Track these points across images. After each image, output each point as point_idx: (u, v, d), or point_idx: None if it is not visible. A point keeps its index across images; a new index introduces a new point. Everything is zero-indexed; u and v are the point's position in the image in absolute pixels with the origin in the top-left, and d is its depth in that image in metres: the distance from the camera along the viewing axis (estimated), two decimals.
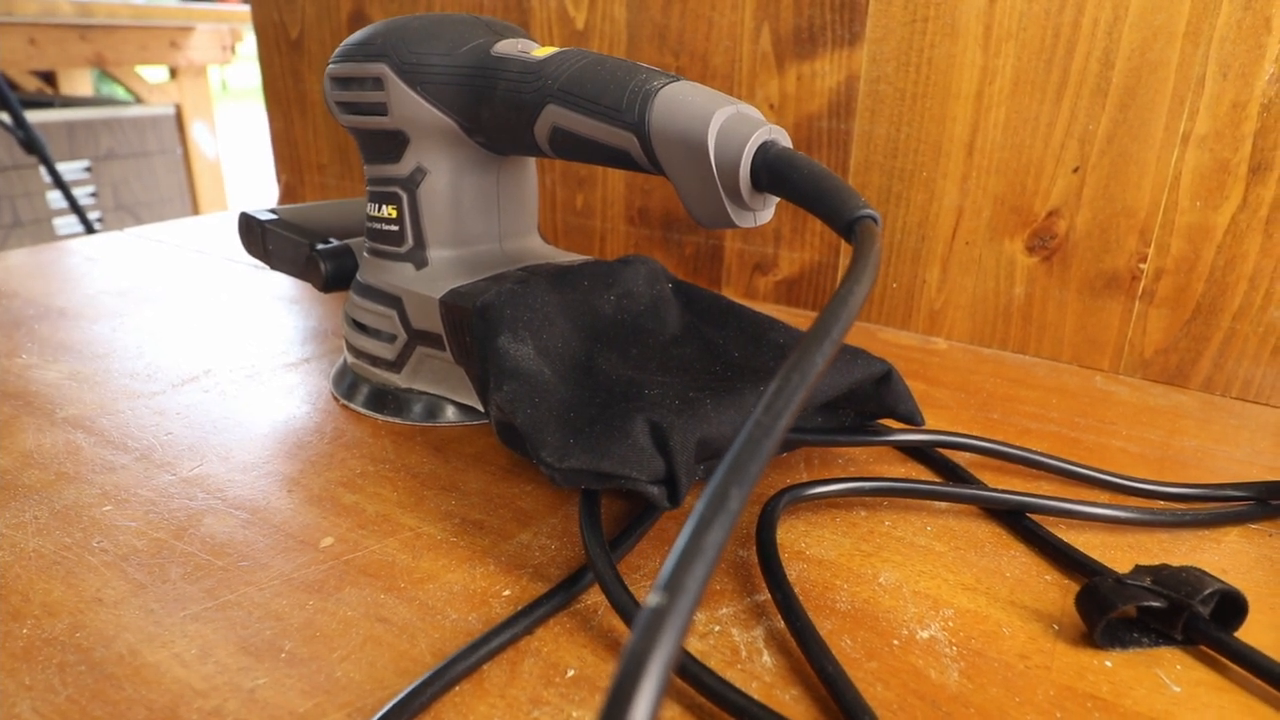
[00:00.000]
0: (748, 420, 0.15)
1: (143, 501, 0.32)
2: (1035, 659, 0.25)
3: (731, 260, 0.59)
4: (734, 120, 0.27)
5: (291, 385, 0.43)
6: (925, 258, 0.52)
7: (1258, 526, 0.33)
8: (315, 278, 0.43)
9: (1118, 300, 0.47)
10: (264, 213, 0.46)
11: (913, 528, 0.32)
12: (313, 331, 0.50)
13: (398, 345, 0.38)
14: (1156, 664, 0.25)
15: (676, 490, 0.26)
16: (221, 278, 0.61)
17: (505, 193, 0.39)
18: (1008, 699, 0.24)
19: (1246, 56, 0.40)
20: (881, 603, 0.28)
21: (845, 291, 0.19)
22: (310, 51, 0.76)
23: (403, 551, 0.29)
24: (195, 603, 0.26)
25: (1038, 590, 0.28)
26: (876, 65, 0.50)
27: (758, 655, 0.25)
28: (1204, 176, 0.43)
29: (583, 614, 0.26)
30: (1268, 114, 0.40)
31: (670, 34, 0.56)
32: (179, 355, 0.46)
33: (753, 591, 0.28)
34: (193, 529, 0.30)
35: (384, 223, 0.38)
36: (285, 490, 0.33)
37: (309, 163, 0.81)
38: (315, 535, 0.30)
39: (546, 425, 0.27)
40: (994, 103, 0.47)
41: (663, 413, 0.26)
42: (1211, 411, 0.43)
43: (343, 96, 0.38)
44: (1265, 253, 0.42)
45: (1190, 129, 0.42)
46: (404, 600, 0.27)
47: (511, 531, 0.31)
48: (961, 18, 0.46)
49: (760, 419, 0.15)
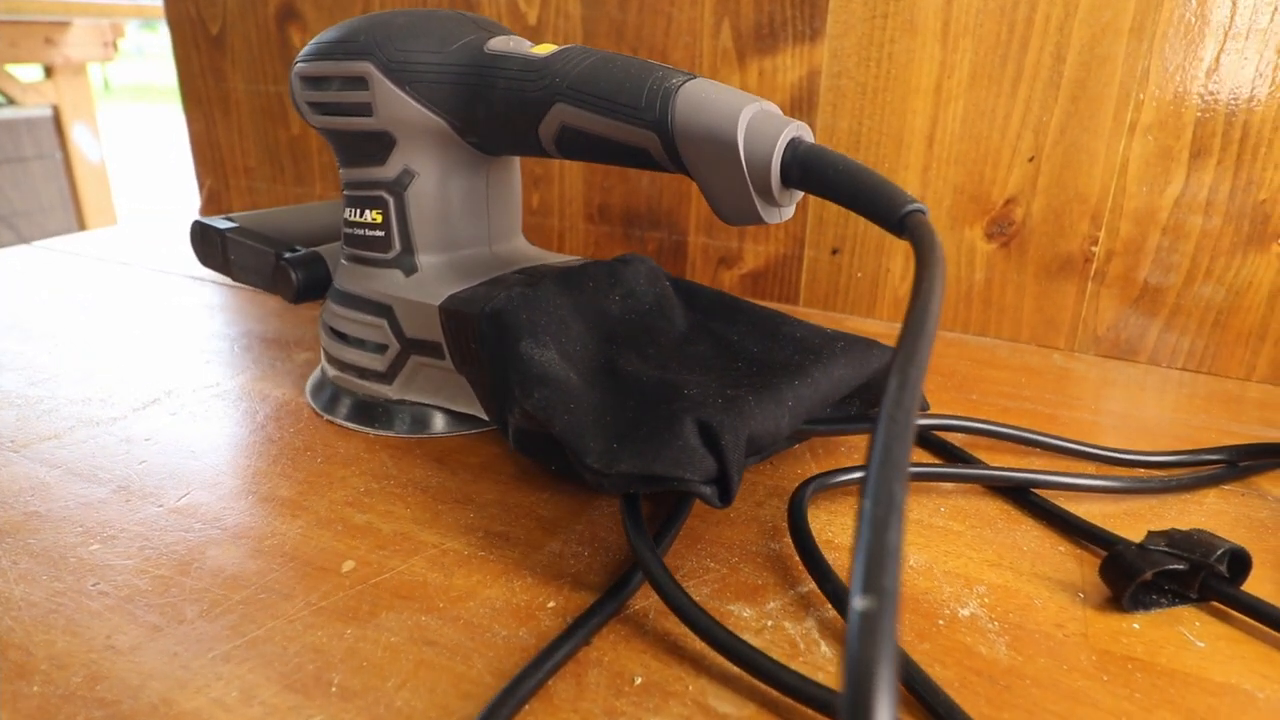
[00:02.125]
0: (880, 416, 0.15)
1: (133, 537, 0.29)
2: (1070, 627, 0.26)
3: (696, 255, 0.59)
4: (761, 117, 0.27)
5: (263, 401, 0.40)
6: (889, 247, 0.53)
7: (1230, 487, 0.35)
8: (285, 288, 0.41)
9: (1072, 282, 0.49)
10: (221, 221, 0.43)
11: (927, 510, 0.33)
12: (271, 342, 0.48)
13: (389, 356, 0.37)
14: (1178, 623, 0.27)
15: (728, 489, 0.26)
16: (154, 291, 0.57)
17: (494, 194, 0.38)
18: (1056, 667, 0.25)
19: (1187, 50, 0.43)
20: (917, 585, 0.28)
21: (926, 286, 0.19)
22: (233, 48, 0.72)
23: (432, 570, 0.28)
24: (222, 641, 0.25)
25: (1055, 561, 0.30)
26: (838, 60, 0.51)
27: (815, 647, 0.25)
28: (1149, 163, 0.46)
29: (634, 619, 0.26)
30: (1206, 104, 0.43)
31: (628, 30, 0.56)
32: (131, 376, 0.43)
33: (794, 584, 0.28)
34: (197, 563, 0.28)
35: (367, 228, 0.37)
36: (289, 514, 0.31)
37: (235, 166, 0.77)
38: (334, 560, 0.29)
39: (586, 431, 0.26)
40: (952, 96, 0.49)
41: (710, 412, 0.26)
42: (1164, 383, 0.46)
43: (317, 97, 0.36)
44: (1205, 233, 0.46)
45: (1136, 119, 0.45)
46: (447, 620, 0.26)
47: (539, 541, 0.30)
48: (920, 14, 0.48)
49: (893, 413, 0.15)
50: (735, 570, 0.29)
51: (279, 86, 0.71)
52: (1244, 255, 0.45)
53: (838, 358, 0.31)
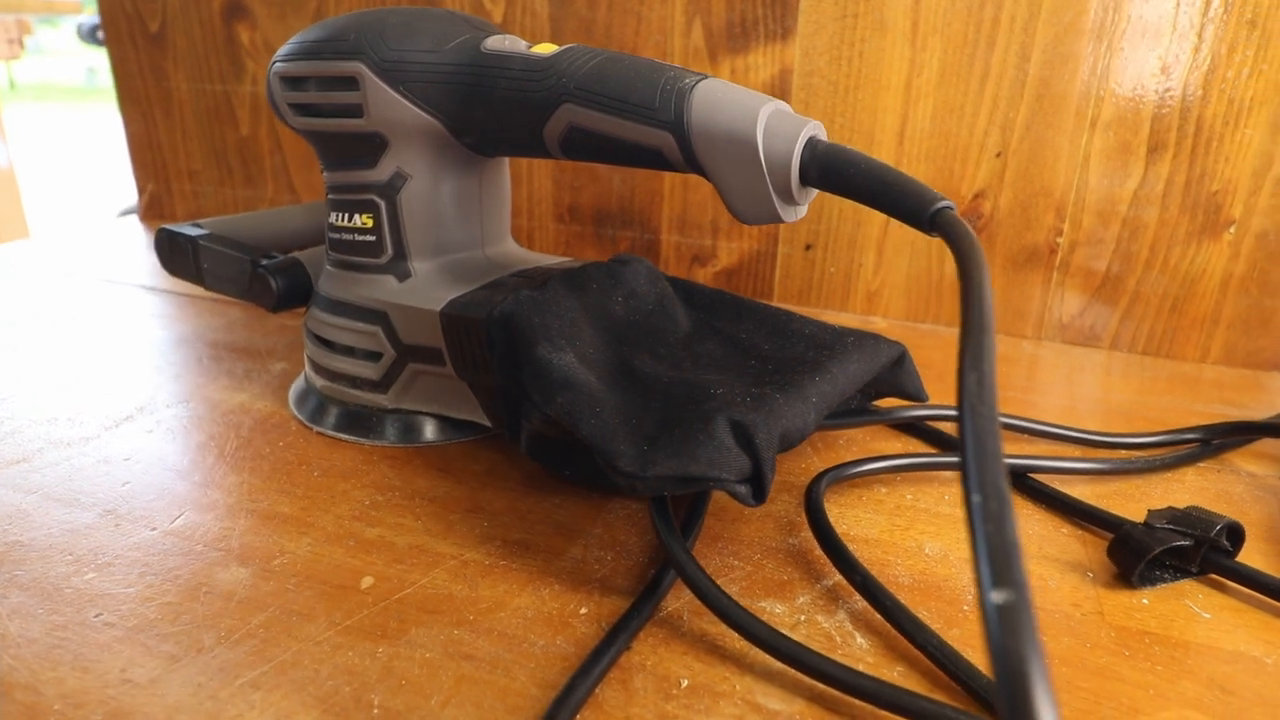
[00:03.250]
0: (965, 413, 0.16)
1: (131, 564, 0.28)
2: (1086, 606, 0.27)
3: (669, 253, 0.59)
4: (778, 116, 0.27)
5: (244, 413, 0.39)
6: (861, 243, 0.54)
7: (1206, 465, 0.37)
8: (264, 296, 0.39)
9: (1038, 272, 0.51)
10: (190, 228, 0.41)
11: (932, 499, 0.34)
12: (241, 352, 0.46)
13: (384, 364, 0.35)
14: (1183, 596, 0.28)
15: (763, 487, 0.26)
16: (104, 301, 0.54)
17: (486, 196, 0.37)
18: (1080, 645, 0.26)
19: (1144, 48, 0.45)
20: (936, 572, 0.29)
21: (976, 281, 0.19)
22: (175, 45, 0.69)
23: (455, 582, 0.28)
24: (248, 668, 0.24)
25: (1060, 543, 0.31)
26: (809, 59, 0.51)
27: (851, 639, 0.26)
28: (1110, 157, 0.48)
29: (669, 621, 0.26)
30: (1162, 99, 0.46)
31: (597, 28, 0.56)
32: (97, 392, 0.41)
33: (819, 577, 0.28)
34: (206, 587, 0.27)
35: (356, 233, 0.36)
36: (295, 531, 0.30)
37: (178, 170, 0.74)
38: (351, 576, 0.28)
39: (615, 435, 0.26)
40: (922, 94, 0.50)
41: (742, 411, 0.26)
42: (1127, 367, 0.49)
43: (300, 98, 0.35)
44: (1162, 223, 0.48)
45: (1097, 115, 0.47)
46: (480, 633, 0.25)
47: (559, 547, 0.30)
48: (890, 13, 0.49)
49: (978, 408, 0.16)
50: (760, 567, 0.29)
51: (226, 85, 0.68)
52: (1198, 244, 0.48)
53: (850, 353, 0.31)
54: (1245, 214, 0.46)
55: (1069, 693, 0.24)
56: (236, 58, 0.67)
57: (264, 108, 0.68)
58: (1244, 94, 0.44)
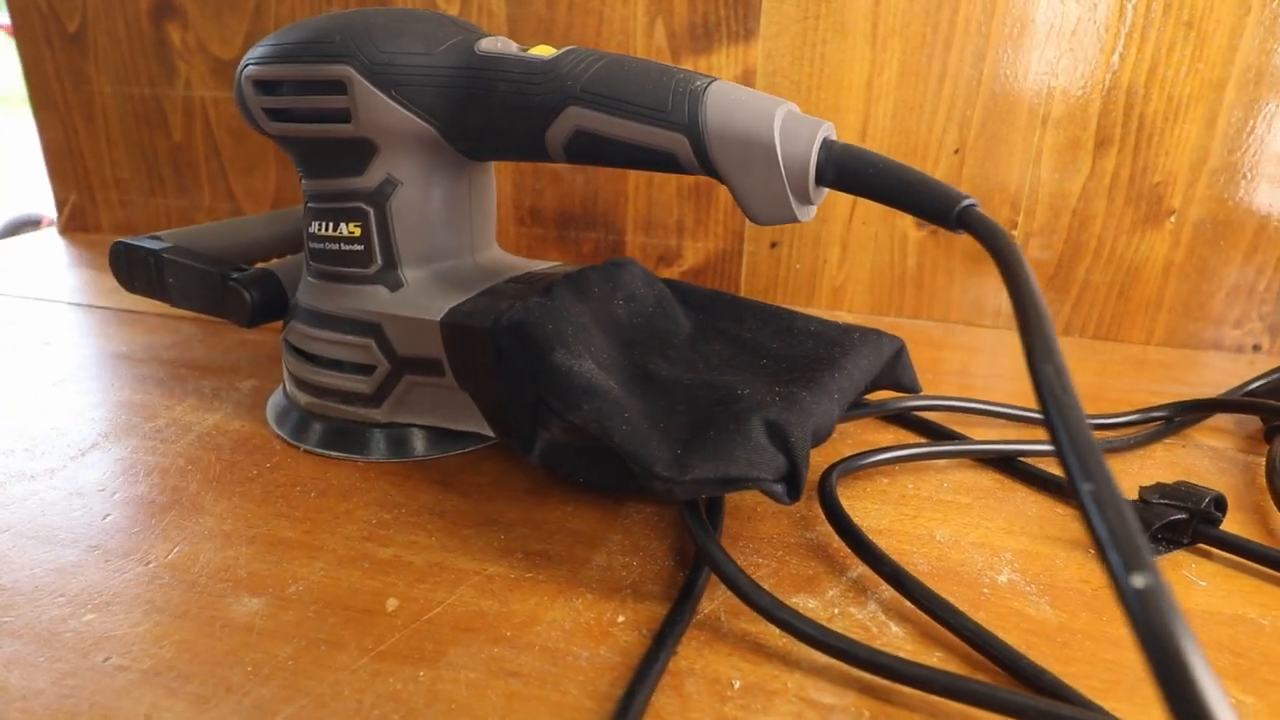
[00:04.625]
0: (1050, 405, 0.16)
1: (131, 601, 0.26)
2: (1094, 581, 0.29)
3: (634, 254, 0.59)
4: (792, 118, 0.27)
5: (221, 434, 0.37)
6: (825, 239, 0.56)
7: (1170, 441, 0.39)
8: (237, 311, 0.37)
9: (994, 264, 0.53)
10: (150, 241, 0.39)
11: (932, 487, 0.35)
12: (203, 370, 0.43)
13: (378, 377, 0.34)
14: (1178, 567, 0.30)
15: (798, 485, 0.26)
16: (37, 321, 0.51)
17: (476, 201, 0.36)
18: (1097, 620, 0.27)
19: (1091, 48, 0.48)
20: (951, 558, 0.30)
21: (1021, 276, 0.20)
22: (98, 47, 0.65)
23: (484, 598, 0.27)
24: (285, 703, 0.22)
25: (1059, 523, 0.32)
26: (772, 60, 0.52)
27: (886, 628, 0.26)
28: (1060, 152, 0.50)
29: (707, 624, 0.26)
30: (1108, 97, 0.48)
31: (556, 29, 0.55)
32: (54, 419, 0.38)
33: (843, 570, 0.29)
34: (220, 621, 0.25)
35: (343, 242, 0.34)
36: (304, 556, 0.29)
37: (102, 179, 0.69)
38: (373, 600, 0.27)
39: (648, 440, 0.26)
40: (882, 93, 0.51)
41: (775, 411, 0.26)
42: (1082, 351, 0.51)
43: (277, 103, 0.33)
44: (1109, 214, 0.51)
45: (1048, 112, 0.49)
46: (520, 649, 0.25)
47: (583, 556, 0.29)
48: (850, 15, 0.50)
49: (1063, 399, 0.16)
50: (784, 564, 0.29)
51: (156, 89, 0.65)
52: (1142, 233, 0.50)
53: (859, 348, 0.32)
54: (1184, 204, 0.49)
55: (1096, 665, 0.25)
56: (167, 60, 0.63)
57: (198, 112, 0.64)
58: (1182, 91, 0.47)
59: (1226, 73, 0.46)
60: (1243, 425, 0.41)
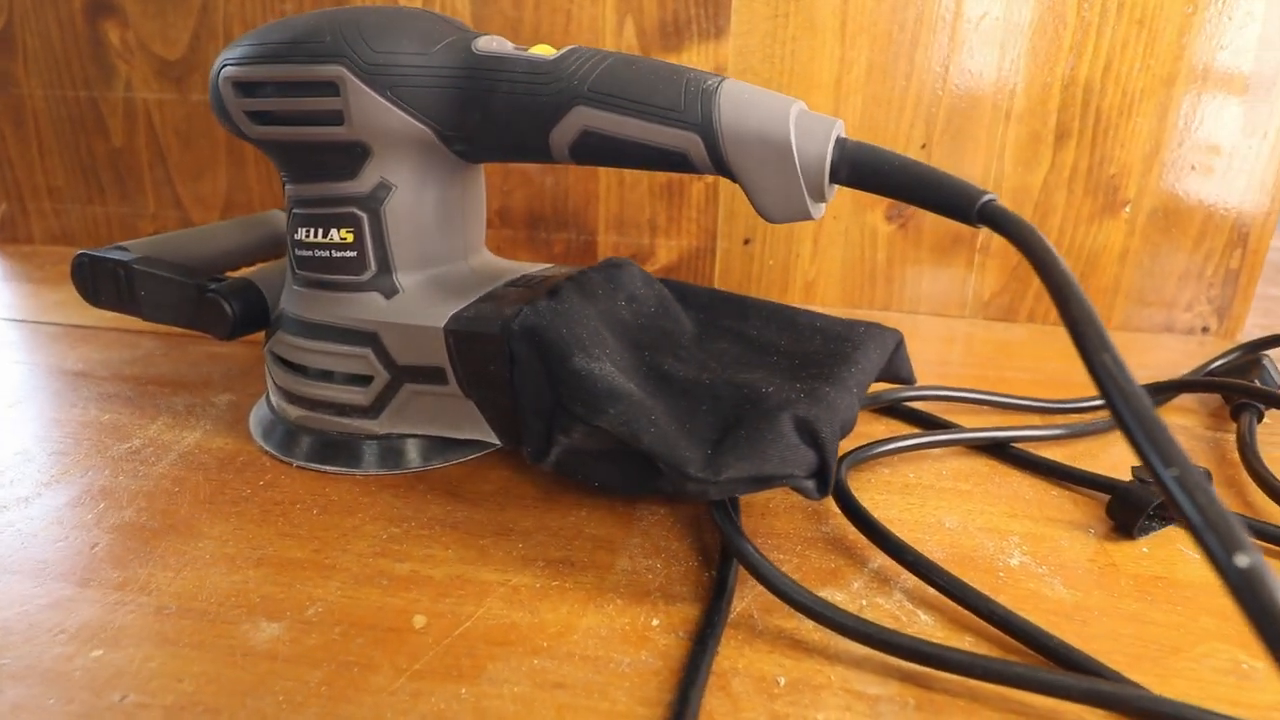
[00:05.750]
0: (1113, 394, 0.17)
1: (140, 634, 0.25)
2: (1100, 560, 0.30)
3: (607, 253, 0.59)
4: (805, 116, 0.27)
5: (203, 452, 0.35)
6: (797, 234, 0.56)
7: None
8: (217, 324, 0.36)
9: (961, 256, 0.55)
10: (117, 252, 0.37)
11: (932, 475, 0.35)
12: (171, 385, 0.41)
13: (376, 387, 0.33)
14: (1171, 541, 0.31)
15: (827, 479, 0.26)
16: None
17: (469, 204, 0.35)
18: (1108, 597, 0.28)
19: (1049, 45, 0.49)
20: (963, 544, 0.31)
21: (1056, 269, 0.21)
22: (27, 47, 0.61)
23: (513, 609, 0.26)
24: None
25: (1056, 505, 0.33)
26: (743, 57, 0.53)
27: (914, 616, 0.27)
28: (1022, 146, 0.52)
29: (742, 622, 0.26)
30: (1066, 92, 0.50)
31: (524, 27, 0.54)
32: (15, 445, 0.36)
33: (863, 561, 0.29)
34: (241, 650, 0.24)
35: (334, 249, 0.33)
36: (318, 576, 0.28)
37: (34, 186, 0.65)
38: (399, 618, 0.26)
39: (677, 442, 0.26)
40: (851, 90, 0.52)
41: (803, 408, 0.26)
42: (1046, 337, 0.53)
43: (261, 105, 0.32)
44: (1069, 205, 0.53)
45: (1010, 107, 0.51)
46: (560, 659, 0.24)
47: (605, 561, 0.29)
48: (819, 13, 0.51)
49: (1127, 387, 0.17)
50: (805, 558, 0.29)
51: (92, 92, 0.61)
52: (1099, 223, 0.53)
53: (867, 342, 0.32)
54: (1138, 194, 0.52)
55: (1117, 640, 0.26)
56: (105, 60, 0.60)
57: (141, 115, 0.61)
58: (1135, 86, 0.49)
59: (1176, 68, 0.49)
60: (1205, 404, 0.44)
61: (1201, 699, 0.23)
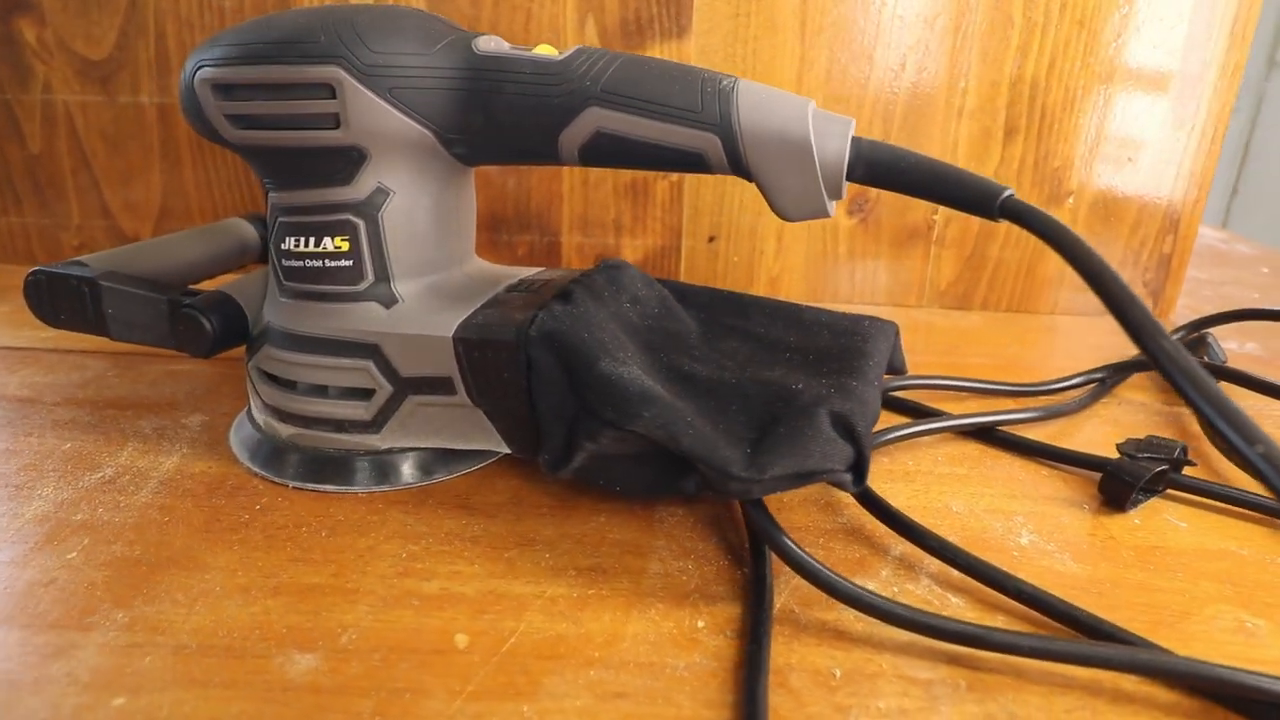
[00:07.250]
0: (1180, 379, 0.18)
1: (165, 678, 0.23)
2: (1099, 534, 0.32)
3: (571, 254, 0.58)
4: (821, 116, 0.28)
5: (186, 479, 0.33)
6: (761, 231, 0.57)
7: (1106, 400, 0.44)
8: (195, 341, 0.34)
9: (918, 248, 0.57)
10: (75, 267, 0.34)
11: (929, 461, 0.37)
12: (135, 407, 0.39)
13: (378, 401, 0.32)
14: (1160, 512, 0.33)
15: (863, 472, 0.27)
16: None
17: (463, 209, 0.34)
18: (1114, 568, 0.29)
19: (998, 45, 0.52)
20: (973, 527, 0.32)
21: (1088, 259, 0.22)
22: None
23: (556, 621, 0.26)
24: None
25: (1050, 484, 0.35)
26: (705, 56, 0.53)
27: (946, 599, 0.27)
28: (974, 142, 0.54)
29: (784, 618, 0.26)
30: (1014, 89, 0.52)
31: (482, 25, 0.53)
32: None
33: (885, 549, 0.30)
34: (278, 684, 0.23)
35: (327, 258, 0.32)
36: (344, 602, 0.26)
37: None
38: (440, 639, 0.25)
39: (716, 443, 0.26)
40: (812, 88, 0.53)
41: (837, 403, 0.27)
42: (1001, 324, 0.56)
43: (245, 108, 0.30)
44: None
45: (963, 104, 0.53)
46: (615, 669, 0.24)
47: (637, 565, 0.29)
48: (780, 13, 0.52)
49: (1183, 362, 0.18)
50: (829, 550, 0.30)
51: (6, 94, 0.57)
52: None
53: (875, 336, 0.33)
54: (1080, 186, 0.55)
55: (1135, 609, 0.27)
56: (19, 60, 0.56)
57: (62, 119, 0.57)
58: (1076, 83, 0.52)
59: (1113, 67, 0.52)
60: (1157, 381, 0.47)
61: (1219, 659, 0.25)
